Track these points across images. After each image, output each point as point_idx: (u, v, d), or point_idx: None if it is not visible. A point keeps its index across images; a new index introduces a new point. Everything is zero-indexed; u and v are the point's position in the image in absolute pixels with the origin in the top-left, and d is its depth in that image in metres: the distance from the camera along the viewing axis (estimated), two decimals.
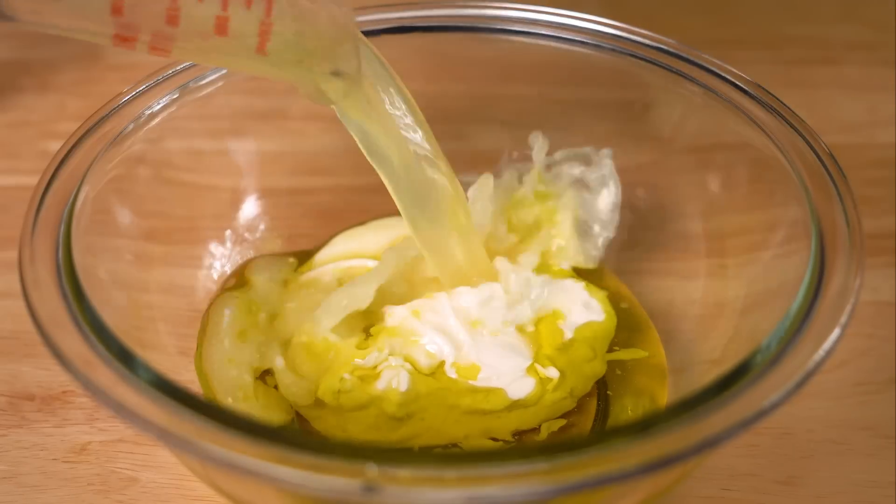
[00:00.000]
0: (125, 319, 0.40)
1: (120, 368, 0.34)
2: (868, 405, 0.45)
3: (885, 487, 0.42)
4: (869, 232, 0.40)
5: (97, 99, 0.46)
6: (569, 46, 0.49)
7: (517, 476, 0.31)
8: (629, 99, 0.51)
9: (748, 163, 0.45)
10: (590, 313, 0.46)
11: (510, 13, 0.50)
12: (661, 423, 0.32)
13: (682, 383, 0.44)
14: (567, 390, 0.43)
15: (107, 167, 0.43)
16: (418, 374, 0.43)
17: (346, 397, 0.42)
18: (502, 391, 0.43)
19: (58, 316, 0.36)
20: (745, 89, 0.45)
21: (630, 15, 0.52)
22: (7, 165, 0.59)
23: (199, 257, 0.48)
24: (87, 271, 0.38)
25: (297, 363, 0.44)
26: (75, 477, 0.43)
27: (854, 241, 0.38)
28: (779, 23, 0.72)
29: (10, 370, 0.47)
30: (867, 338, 0.48)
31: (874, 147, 0.60)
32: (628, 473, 0.31)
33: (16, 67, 0.67)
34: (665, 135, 0.50)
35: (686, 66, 0.47)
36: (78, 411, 0.45)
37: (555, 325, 0.45)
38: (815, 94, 0.64)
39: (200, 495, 0.42)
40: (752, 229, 0.45)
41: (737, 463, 0.43)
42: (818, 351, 0.34)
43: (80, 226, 0.40)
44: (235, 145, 0.51)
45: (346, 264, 0.49)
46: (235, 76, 0.48)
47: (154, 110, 0.45)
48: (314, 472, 0.31)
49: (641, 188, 0.50)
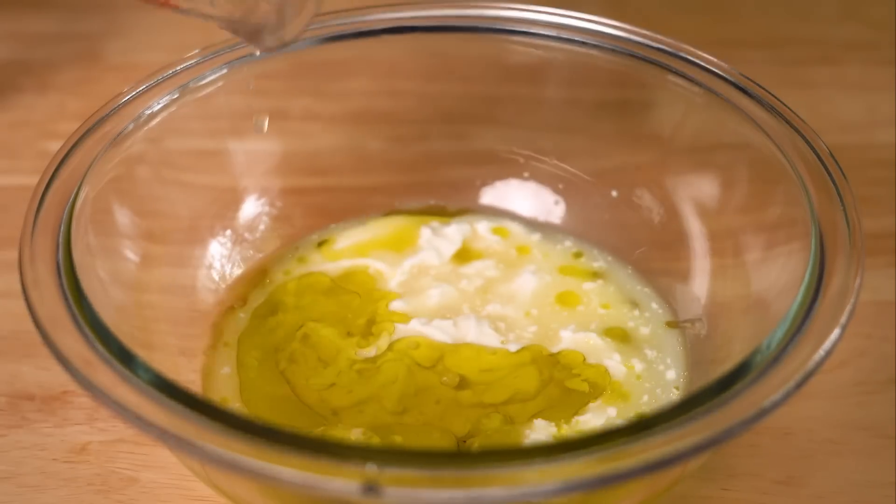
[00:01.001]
0: (125, 319, 0.40)
1: (120, 368, 0.34)
2: (867, 405, 0.45)
3: (885, 487, 0.42)
4: (869, 232, 0.40)
5: (97, 99, 0.46)
6: (569, 46, 0.49)
7: (517, 476, 0.31)
8: (629, 99, 0.51)
9: (748, 163, 0.45)
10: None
11: (510, 13, 0.50)
12: (660, 423, 0.32)
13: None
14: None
15: (107, 167, 0.43)
16: (418, 367, 0.44)
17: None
18: (502, 384, 0.43)
19: (58, 316, 0.36)
20: (745, 89, 0.45)
21: (630, 15, 0.52)
22: (7, 165, 0.59)
23: (199, 257, 0.48)
24: (87, 271, 0.38)
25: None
26: (75, 477, 0.43)
27: (854, 241, 0.38)
28: (779, 23, 0.72)
29: (10, 370, 0.47)
30: (867, 338, 0.48)
31: (874, 147, 0.60)
32: (628, 473, 0.31)
33: (16, 67, 0.66)
34: (665, 135, 0.50)
35: (686, 66, 0.47)
36: (78, 411, 0.45)
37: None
38: (815, 94, 0.64)
39: (200, 495, 0.42)
40: (752, 229, 0.45)
41: (737, 463, 0.43)
42: (818, 351, 0.34)
43: (80, 226, 0.40)
44: (235, 145, 0.51)
45: (346, 264, 0.49)
46: (235, 76, 0.48)
47: (154, 110, 0.45)
48: (314, 472, 0.31)
49: (641, 188, 0.50)
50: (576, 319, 0.46)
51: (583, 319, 0.46)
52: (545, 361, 0.44)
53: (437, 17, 0.50)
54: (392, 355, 0.44)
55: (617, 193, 0.51)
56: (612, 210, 0.51)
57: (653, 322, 0.46)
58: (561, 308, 0.47)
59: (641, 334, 0.46)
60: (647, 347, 0.45)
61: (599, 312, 0.47)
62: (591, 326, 0.46)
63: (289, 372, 0.44)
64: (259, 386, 0.44)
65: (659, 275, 0.49)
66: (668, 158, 0.50)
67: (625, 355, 0.45)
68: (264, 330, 0.46)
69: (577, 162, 0.52)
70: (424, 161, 0.54)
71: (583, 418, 0.42)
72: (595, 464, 0.31)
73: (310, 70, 0.51)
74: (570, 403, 0.43)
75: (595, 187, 0.52)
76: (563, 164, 0.52)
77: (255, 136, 0.52)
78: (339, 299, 0.47)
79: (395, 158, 0.54)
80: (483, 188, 0.53)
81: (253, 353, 0.45)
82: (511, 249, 0.50)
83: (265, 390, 0.43)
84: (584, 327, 0.46)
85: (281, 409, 0.43)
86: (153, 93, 0.45)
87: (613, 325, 0.46)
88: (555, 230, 0.51)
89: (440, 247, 0.49)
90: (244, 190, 0.51)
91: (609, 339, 0.45)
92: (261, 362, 0.45)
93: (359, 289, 0.48)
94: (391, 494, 0.31)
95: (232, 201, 0.50)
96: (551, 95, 0.53)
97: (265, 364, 0.45)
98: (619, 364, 0.44)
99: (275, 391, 0.43)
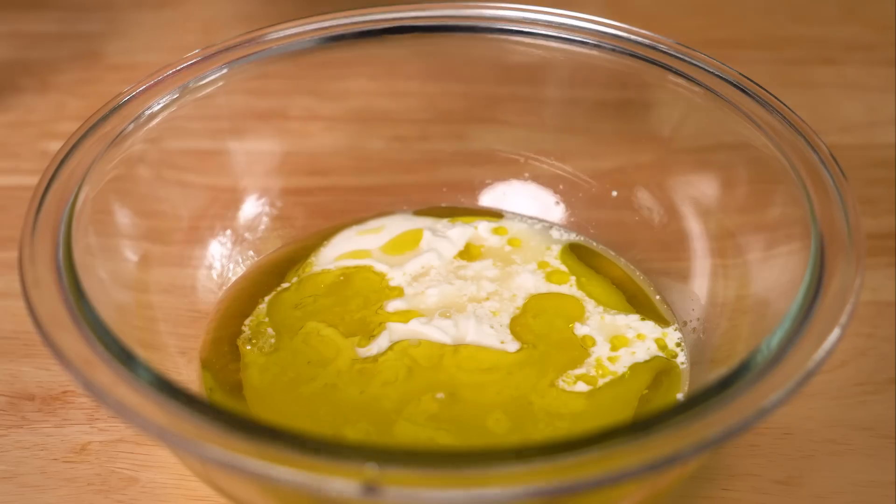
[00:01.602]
0: (125, 319, 0.40)
1: (120, 368, 0.34)
2: (868, 405, 0.45)
3: (885, 487, 0.42)
4: (869, 232, 0.40)
5: (97, 99, 0.46)
6: (569, 46, 0.49)
7: (517, 476, 0.31)
8: (629, 99, 0.51)
9: (748, 163, 0.45)
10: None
11: (510, 13, 0.50)
12: (661, 423, 0.32)
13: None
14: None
15: (107, 167, 0.43)
16: (419, 367, 0.44)
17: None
18: (502, 384, 0.43)
19: (58, 316, 0.36)
20: (745, 89, 0.45)
21: (630, 15, 0.53)
22: (7, 165, 0.59)
23: (199, 257, 0.48)
24: (87, 271, 0.38)
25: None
26: (75, 477, 0.43)
27: (854, 241, 0.38)
28: (779, 23, 0.72)
29: (10, 370, 0.47)
30: (867, 338, 0.48)
31: (874, 147, 0.60)
32: (628, 473, 0.31)
33: (16, 67, 0.67)
34: (665, 135, 0.50)
35: (686, 66, 0.47)
36: (78, 411, 0.45)
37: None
38: (815, 94, 0.64)
39: (200, 495, 0.42)
40: (752, 229, 0.45)
41: (737, 463, 0.43)
42: (818, 351, 0.34)
43: (80, 226, 0.40)
44: (235, 145, 0.51)
45: (346, 263, 0.49)
46: (235, 76, 0.48)
47: (154, 110, 0.45)
48: (314, 472, 0.31)
49: (641, 188, 0.50)
50: (576, 319, 0.47)
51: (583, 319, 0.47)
52: (545, 361, 0.44)
53: (437, 17, 0.50)
54: (392, 355, 0.44)
55: (617, 193, 0.51)
56: (612, 210, 0.51)
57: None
58: (561, 308, 0.47)
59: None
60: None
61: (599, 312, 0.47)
62: (592, 326, 0.46)
63: (289, 371, 0.44)
64: (260, 386, 0.44)
65: (659, 275, 0.49)
66: (668, 158, 0.50)
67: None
68: (264, 329, 0.46)
69: (577, 162, 0.52)
70: (424, 161, 0.54)
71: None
72: (595, 464, 0.31)
73: (310, 70, 0.51)
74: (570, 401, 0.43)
75: (595, 188, 0.52)
76: (563, 165, 0.52)
77: (255, 136, 0.52)
78: (340, 299, 0.47)
79: (395, 158, 0.54)
80: (483, 188, 0.53)
81: (253, 353, 0.45)
82: (511, 249, 0.50)
83: (266, 390, 0.43)
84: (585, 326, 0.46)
85: (282, 407, 0.43)
86: (153, 93, 0.45)
87: (613, 324, 0.46)
88: (555, 230, 0.51)
89: (441, 247, 0.49)
90: (244, 190, 0.51)
91: (609, 341, 0.45)
92: (261, 362, 0.45)
93: (360, 289, 0.48)
94: (391, 494, 0.31)
95: (232, 201, 0.50)
96: (551, 95, 0.53)
97: (266, 364, 0.45)
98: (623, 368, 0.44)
99: (275, 390, 0.43)
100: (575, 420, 0.42)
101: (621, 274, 0.49)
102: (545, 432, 0.41)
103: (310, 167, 0.53)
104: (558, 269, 0.49)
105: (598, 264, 0.50)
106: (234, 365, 0.45)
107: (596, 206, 0.51)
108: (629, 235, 0.50)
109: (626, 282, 0.49)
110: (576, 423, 0.42)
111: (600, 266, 0.50)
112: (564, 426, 0.42)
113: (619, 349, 0.45)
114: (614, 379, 0.43)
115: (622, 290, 0.48)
